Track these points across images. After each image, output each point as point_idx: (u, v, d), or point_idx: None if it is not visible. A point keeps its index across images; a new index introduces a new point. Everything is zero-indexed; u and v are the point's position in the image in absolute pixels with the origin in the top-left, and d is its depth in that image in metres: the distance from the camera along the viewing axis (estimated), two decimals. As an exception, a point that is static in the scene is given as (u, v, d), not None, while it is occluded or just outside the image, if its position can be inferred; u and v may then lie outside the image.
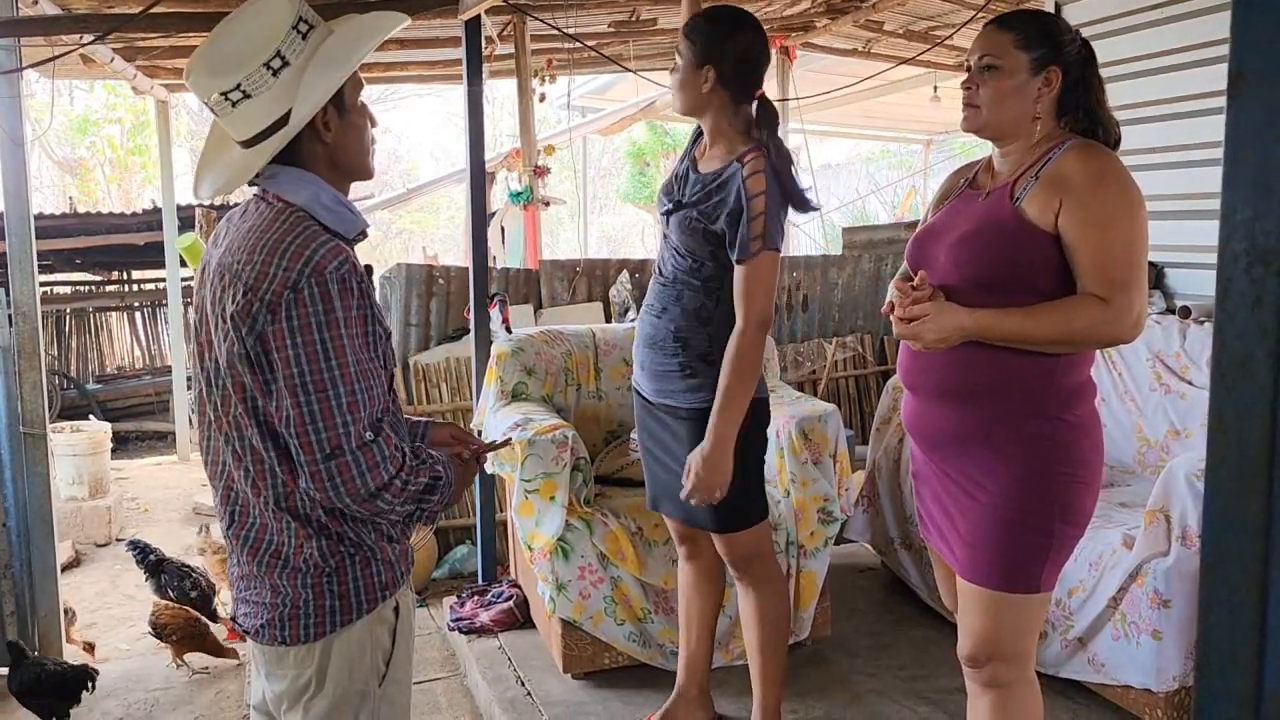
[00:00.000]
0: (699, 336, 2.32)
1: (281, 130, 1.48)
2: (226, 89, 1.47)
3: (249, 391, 1.48)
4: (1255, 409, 0.73)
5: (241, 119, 1.50)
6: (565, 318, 4.69)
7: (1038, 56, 1.86)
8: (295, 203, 1.50)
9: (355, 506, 1.47)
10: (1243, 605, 0.74)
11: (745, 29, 2.27)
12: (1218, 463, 0.77)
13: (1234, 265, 0.73)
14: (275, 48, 1.46)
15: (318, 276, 1.41)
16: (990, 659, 1.91)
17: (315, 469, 1.42)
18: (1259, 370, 0.72)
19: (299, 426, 1.42)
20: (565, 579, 2.91)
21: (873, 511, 3.62)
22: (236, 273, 1.46)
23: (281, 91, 1.47)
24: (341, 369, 1.42)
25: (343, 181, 1.59)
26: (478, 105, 3.60)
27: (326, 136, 1.53)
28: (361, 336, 1.47)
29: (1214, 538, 0.77)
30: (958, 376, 1.89)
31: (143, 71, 6.18)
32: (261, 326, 1.42)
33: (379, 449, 1.45)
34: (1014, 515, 1.85)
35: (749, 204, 2.17)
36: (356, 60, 1.51)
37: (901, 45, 7.30)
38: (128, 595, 4.59)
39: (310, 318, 1.41)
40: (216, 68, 1.48)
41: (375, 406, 1.47)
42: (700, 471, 2.23)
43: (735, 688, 2.84)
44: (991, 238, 1.85)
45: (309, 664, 1.55)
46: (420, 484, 1.52)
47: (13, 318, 3.63)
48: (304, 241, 1.44)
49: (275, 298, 1.41)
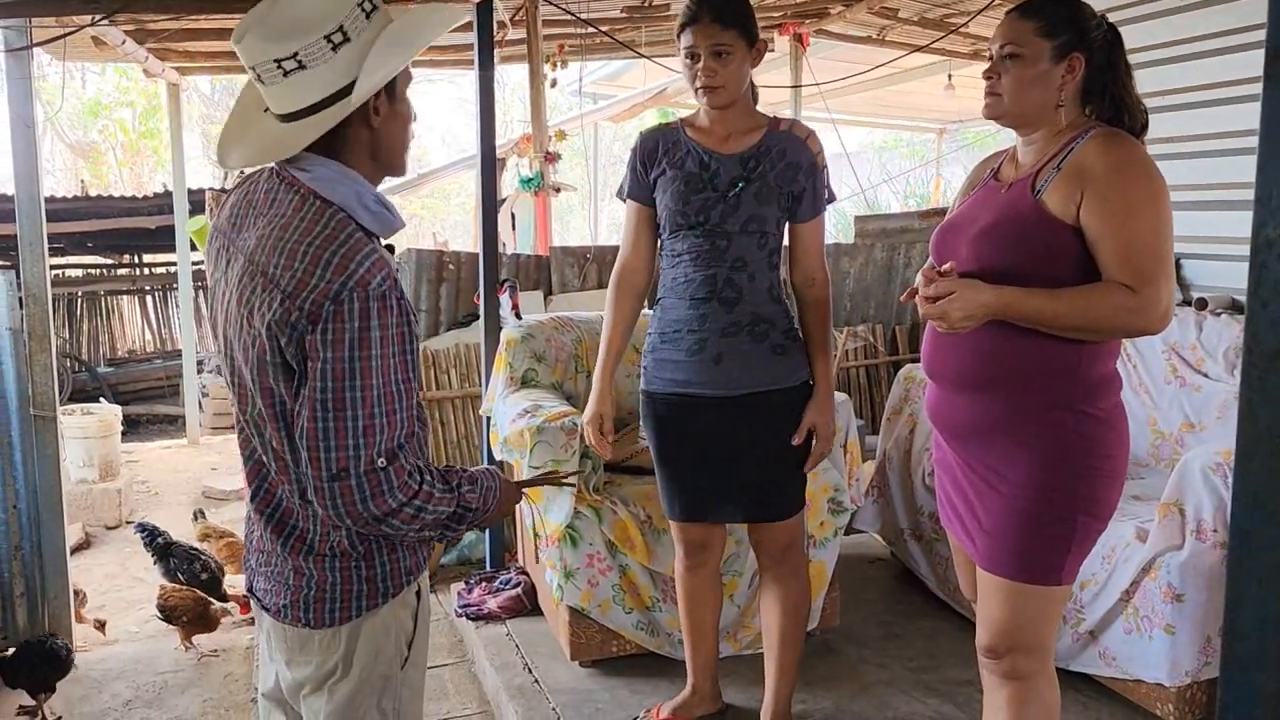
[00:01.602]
0: (780, 314, 2.37)
1: (340, 102, 1.42)
2: (281, 56, 1.41)
3: (277, 396, 1.43)
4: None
5: (291, 90, 1.43)
6: (575, 304, 4.67)
7: (1060, 44, 1.83)
8: (334, 200, 1.44)
9: (357, 528, 1.44)
10: (1271, 600, 0.72)
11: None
12: (1246, 454, 0.75)
13: (1268, 251, 0.71)
14: (339, 21, 1.41)
15: (360, 291, 1.36)
16: (1010, 650, 1.89)
17: (319, 485, 1.39)
18: (1292, 361, 0.70)
19: (310, 441, 1.38)
20: (574, 566, 2.90)
21: (883, 502, 3.60)
22: (273, 278, 1.39)
23: (342, 66, 1.42)
24: (365, 390, 1.37)
25: (378, 174, 1.54)
26: (489, 91, 3.58)
27: (375, 121, 1.47)
28: (399, 355, 1.41)
29: (1241, 531, 0.76)
30: (981, 365, 1.87)
31: (154, 54, 6.17)
32: (302, 334, 1.37)
33: (388, 476, 1.40)
34: (1036, 507, 1.83)
35: (817, 159, 2.35)
36: (420, 46, 1.47)
37: (916, 33, 7.24)
38: (137, 578, 4.61)
39: (345, 334, 1.35)
40: (274, 33, 1.41)
41: (396, 432, 1.41)
42: (827, 428, 2.39)
43: (745, 677, 2.83)
44: (1012, 230, 1.83)
45: (335, 648, 1.52)
46: (440, 511, 1.47)
47: (23, 300, 3.63)
48: (349, 252, 1.38)
49: (315, 307, 1.35)
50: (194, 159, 8.10)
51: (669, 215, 2.37)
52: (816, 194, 2.36)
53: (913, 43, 7.24)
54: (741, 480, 2.40)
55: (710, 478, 2.42)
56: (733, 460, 2.39)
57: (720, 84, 2.25)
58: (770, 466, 2.40)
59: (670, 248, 2.41)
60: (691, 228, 2.33)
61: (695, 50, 2.25)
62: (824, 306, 2.43)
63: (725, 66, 2.24)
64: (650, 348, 2.46)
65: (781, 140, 2.33)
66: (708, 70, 2.24)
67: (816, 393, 2.40)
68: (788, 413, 2.38)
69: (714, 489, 2.43)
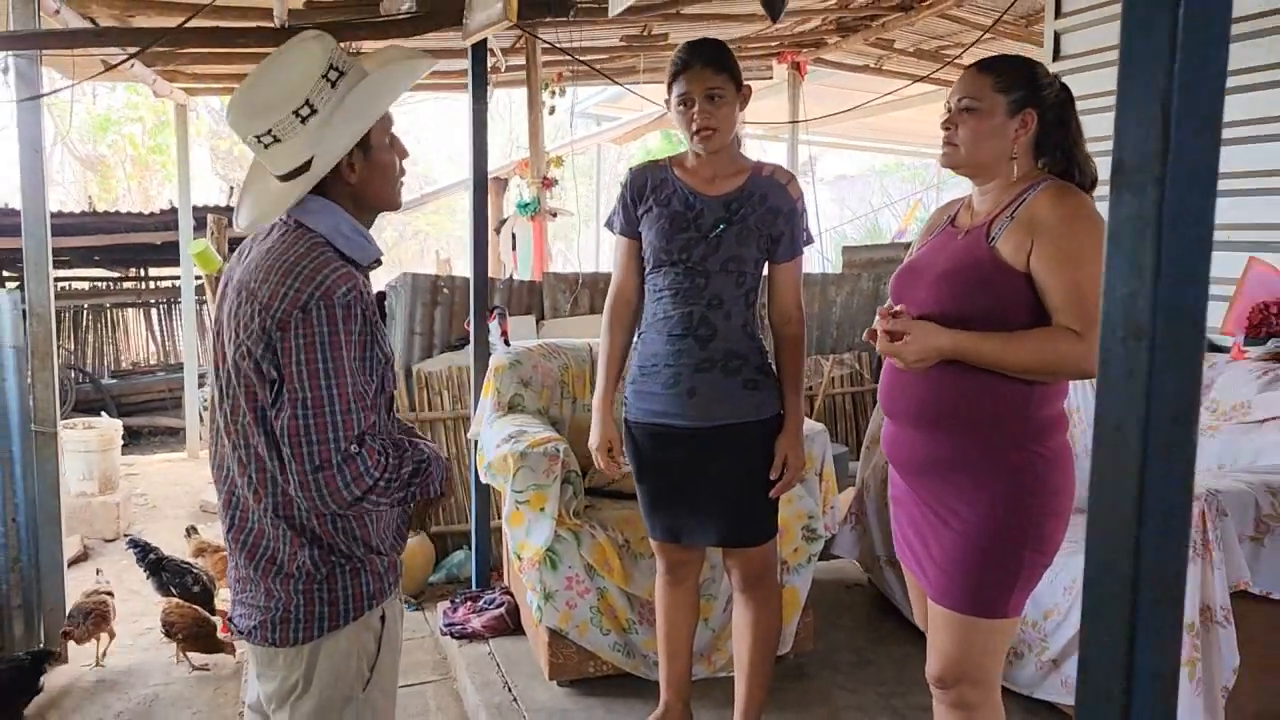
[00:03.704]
0: (754, 350, 2.46)
1: (306, 174, 1.58)
2: (259, 132, 1.58)
3: (259, 403, 1.57)
4: (1128, 470, 0.80)
5: (274, 158, 1.61)
6: (567, 329, 4.76)
7: (1015, 99, 1.93)
8: (316, 229, 1.60)
9: (341, 511, 1.58)
10: (1115, 647, 0.81)
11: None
12: (1095, 520, 0.84)
13: (1112, 337, 0.80)
14: (305, 96, 1.56)
15: (326, 300, 1.51)
16: (958, 681, 1.97)
17: (304, 479, 1.52)
18: (1131, 435, 0.79)
19: (293, 437, 1.51)
20: (553, 588, 2.98)
21: (860, 529, 3.68)
22: (253, 291, 1.56)
23: (309, 137, 1.58)
24: (339, 388, 1.52)
25: (365, 215, 1.69)
26: (482, 123, 3.69)
27: (351, 178, 1.63)
28: (360, 360, 1.56)
29: (1093, 587, 0.85)
30: (935, 404, 1.96)
31: (162, 76, 6.30)
32: (274, 342, 1.52)
33: (362, 460, 1.54)
34: (986, 543, 1.91)
35: (797, 204, 2.46)
36: (377, 113, 1.61)
37: (911, 63, 7.36)
38: (132, 590, 4.68)
39: (315, 337, 1.50)
40: (251, 111, 1.59)
41: (364, 421, 1.56)
42: (797, 459, 2.49)
43: (717, 700, 2.91)
44: (968, 276, 1.92)
45: (297, 666, 1.64)
46: (404, 474, 1.61)
47: (27, 315, 3.72)
48: (317, 266, 1.54)
49: (285, 316, 1.51)
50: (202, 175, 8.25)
51: (653, 251, 2.47)
52: (795, 237, 2.47)
53: (910, 73, 7.36)
54: (715, 506, 2.49)
55: (686, 503, 2.52)
56: (707, 487, 2.49)
57: (716, 125, 2.36)
58: (743, 495, 2.49)
59: (652, 282, 2.51)
60: (673, 264, 2.43)
61: (689, 96, 2.36)
62: (798, 343, 2.53)
63: (719, 109, 2.35)
64: (631, 379, 2.56)
65: (764, 185, 2.44)
66: (704, 113, 2.35)
67: (787, 425, 2.50)
68: (759, 444, 2.47)
69: (689, 513, 2.53)
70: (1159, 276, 0.76)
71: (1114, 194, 0.80)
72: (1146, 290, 0.77)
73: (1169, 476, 0.79)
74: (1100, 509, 0.84)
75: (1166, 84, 0.74)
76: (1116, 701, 0.82)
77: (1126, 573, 0.81)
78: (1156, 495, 0.79)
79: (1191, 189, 0.75)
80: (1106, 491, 0.83)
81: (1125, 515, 0.81)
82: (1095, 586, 0.83)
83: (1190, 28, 0.74)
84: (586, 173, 11.41)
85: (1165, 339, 0.77)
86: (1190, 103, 0.74)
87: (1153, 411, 0.78)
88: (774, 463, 2.47)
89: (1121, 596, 0.81)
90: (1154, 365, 0.78)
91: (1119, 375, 0.81)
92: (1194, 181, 0.76)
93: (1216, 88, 0.76)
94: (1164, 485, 0.79)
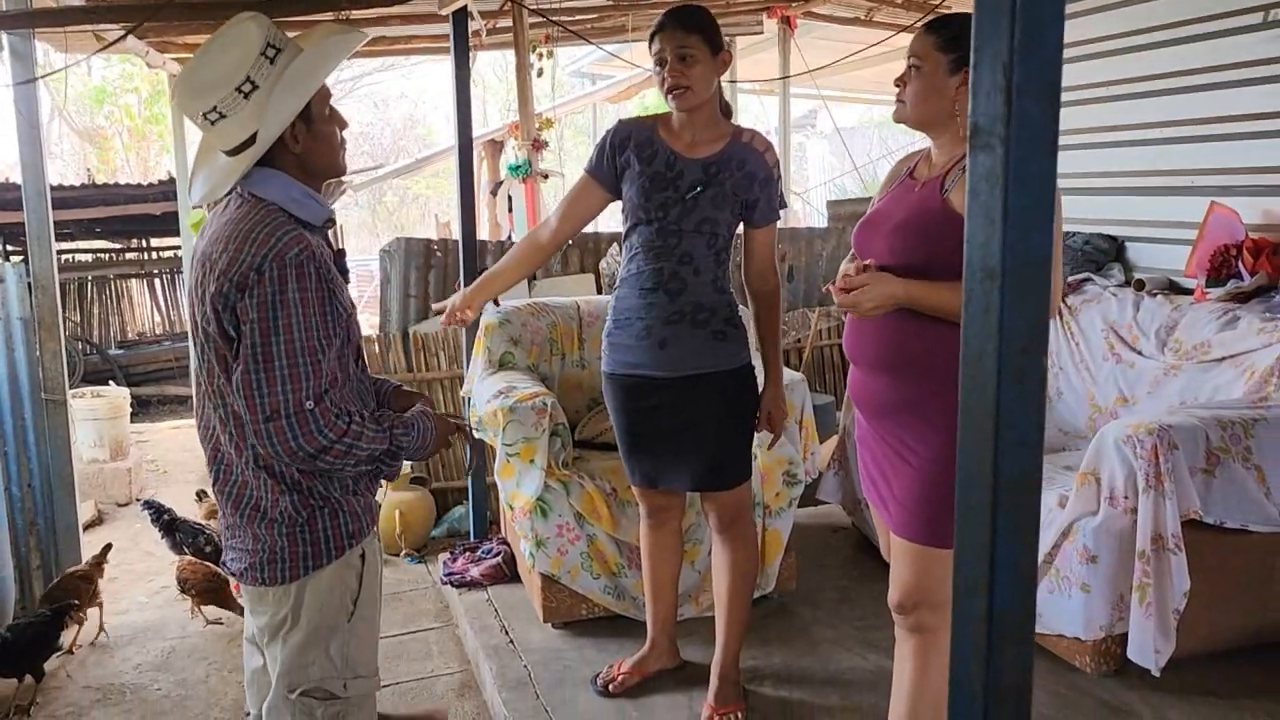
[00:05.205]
0: (722, 304, 2.57)
1: (252, 148, 1.69)
2: (205, 109, 1.70)
3: (227, 362, 1.70)
4: (987, 392, 0.92)
5: (221, 134, 1.72)
6: (558, 289, 4.88)
7: (956, 58, 2.03)
8: (267, 198, 1.72)
9: (294, 464, 1.70)
10: (980, 544, 0.94)
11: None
12: (964, 438, 0.97)
13: (973, 279, 0.93)
14: (245, 73, 1.68)
15: (278, 261, 1.63)
16: (916, 606, 2.12)
17: (257, 428, 1.65)
18: (989, 362, 0.92)
19: (245, 390, 1.65)
20: (544, 536, 3.13)
21: (843, 474, 3.81)
22: (214, 260, 1.68)
23: (253, 111, 1.69)
24: (288, 344, 1.63)
25: (314, 181, 1.80)
26: (465, 89, 3.77)
27: (295, 148, 1.74)
28: (319, 315, 1.67)
29: (963, 494, 0.97)
30: (892, 350, 2.08)
31: (154, 47, 6.36)
32: (233, 303, 1.64)
33: (315, 417, 1.65)
34: (941, 477, 2.04)
35: (773, 171, 2.55)
36: (316, 84, 1.72)
37: (902, 14, 7.38)
38: (147, 551, 4.86)
39: (268, 296, 1.62)
40: (196, 90, 1.70)
41: (321, 379, 1.67)
42: (780, 411, 2.66)
43: (702, 637, 3.06)
44: (923, 226, 2.03)
45: (285, 602, 1.79)
46: (374, 449, 1.73)
47: (32, 287, 3.85)
48: (269, 230, 1.66)
49: (243, 279, 1.63)
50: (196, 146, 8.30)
51: (631, 208, 2.58)
52: (770, 203, 2.57)
53: (900, 23, 7.38)
54: (689, 452, 2.63)
55: (661, 449, 2.66)
56: (680, 434, 2.62)
57: (686, 84, 2.44)
58: (714, 440, 2.62)
59: (627, 241, 2.62)
60: (649, 222, 2.54)
61: (663, 55, 2.46)
62: (775, 302, 2.66)
63: (690, 69, 2.44)
64: (607, 333, 2.69)
65: (742, 151, 2.53)
66: (674, 72, 2.44)
67: (769, 381, 2.65)
68: (730, 393, 2.60)
69: (665, 459, 2.67)
70: (1007, 225, 0.88)
71: (971, 154, 0.92)
72: (997, 237, 0.89)
73: (1021, 398, 0.91)
74: (967, 426, 0.96)
75: (1009, 58, 0.85)
76: (982, 590, 0.95)
77: (988, 478, 0.93)
78: (1009, 413, 0.91)
79: (1034, 149, 0.87)
80: (971, 411, 0.95)
81: (985, 431, 0.93)
82: (965, 491, 0.95)
83: (1028, 5, 0.85)
84: (584, 131, 11.42)
85: (1014, 281, 0.89)
86: (1029, 74, 0.85)
87: (1005, 343, 0.90)
88: (760, 417, 2.64)
89: (984, 499, 0.93)
90: (1005, 303, 0.90)
91: (977, 312, 0.92)
92: (1037, 143, 0.87)
93: (1053, 60, 0.86)
94: (1016, 406, 0.92)
